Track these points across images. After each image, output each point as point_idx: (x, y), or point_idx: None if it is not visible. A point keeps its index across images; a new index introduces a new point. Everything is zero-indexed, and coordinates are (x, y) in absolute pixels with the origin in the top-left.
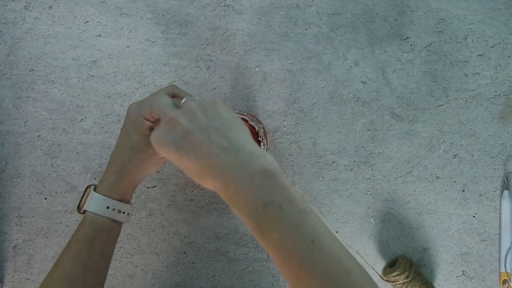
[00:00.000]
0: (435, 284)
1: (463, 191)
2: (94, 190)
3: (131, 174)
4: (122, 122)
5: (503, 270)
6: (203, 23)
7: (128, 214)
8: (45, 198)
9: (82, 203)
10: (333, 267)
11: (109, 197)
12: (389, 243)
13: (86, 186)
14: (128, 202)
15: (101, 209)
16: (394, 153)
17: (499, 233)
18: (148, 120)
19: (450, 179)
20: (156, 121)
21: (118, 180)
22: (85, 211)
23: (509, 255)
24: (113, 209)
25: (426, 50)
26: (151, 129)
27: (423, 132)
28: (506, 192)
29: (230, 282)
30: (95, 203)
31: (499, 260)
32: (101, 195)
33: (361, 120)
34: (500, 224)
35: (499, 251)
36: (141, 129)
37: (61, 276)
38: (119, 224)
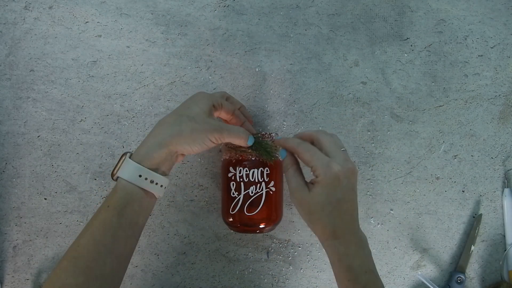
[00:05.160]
0: (435, 284)
1: (463, 191)
2: (130, 157)
3: (173, 142)
4: (122, 122)
5: None
6: (203, 24)
7: (161, 186)
8: (45, 199)
9: (116, 169)
10: None
11: (143, 165)
12: (389, 243)
13: (124, 152)
14: (163, 174)
15: (134, 177)
16: (394, 153)
17: (504, 231)
18: (214, 107)
19: (450, 180)
20: (218, 111)
21: (157, 147)
22: (118, 178)
23: None
24: (145, 178)
25: (426, 50)
26: (210, 112)
27: (423, 133)
28: (507, 190)
29: (230, 282)
30: (128, 170)
31: (506, 258)
32: (135, 163)
33: (361, 121)
34: (504, 222)
35: (506, 249)
36: (204, 105)
37: (89, 242)
38: (151, 196)
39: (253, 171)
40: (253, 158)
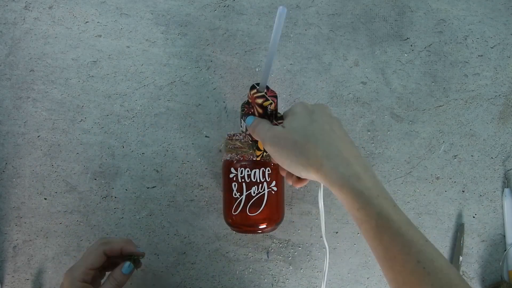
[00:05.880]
0: None
1: (463, 191)
2: None
3: None
4: (122, 122)
5: None
6: (203, 24)
7: None
8: (45, 199)
9: None
10: (450, 268)
11: None
12: None
13: None
14: None
15: None
16: (394, 153)
17: (504, 231)
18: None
19: (450, 180)
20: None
21: None
22: None
23: None
24: None
25: (426, 50)
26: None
27: (423, 133)
28: (507, 190)
29: (230, 282)
30: None
31: (506, 258)
32: None
33: (361, 121)
34: (504, 222)
35: (506, 249)
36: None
37: None
38: None
39: (255, 171)
40: (254, 159)
